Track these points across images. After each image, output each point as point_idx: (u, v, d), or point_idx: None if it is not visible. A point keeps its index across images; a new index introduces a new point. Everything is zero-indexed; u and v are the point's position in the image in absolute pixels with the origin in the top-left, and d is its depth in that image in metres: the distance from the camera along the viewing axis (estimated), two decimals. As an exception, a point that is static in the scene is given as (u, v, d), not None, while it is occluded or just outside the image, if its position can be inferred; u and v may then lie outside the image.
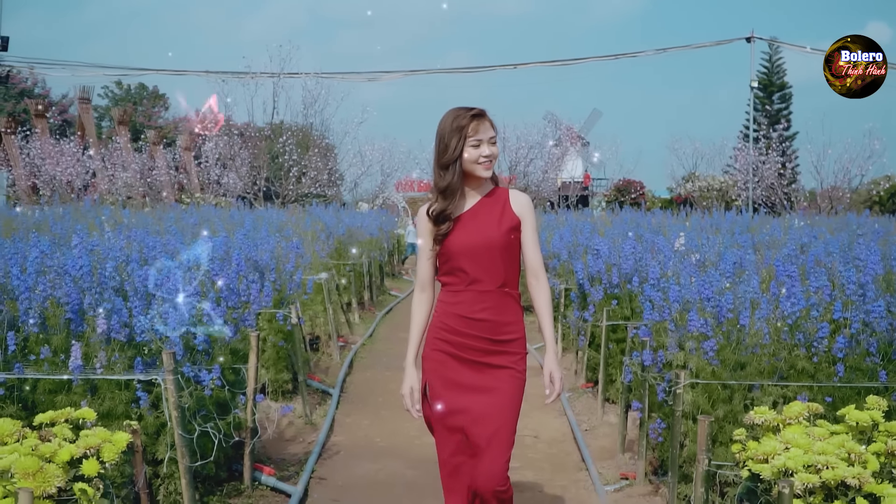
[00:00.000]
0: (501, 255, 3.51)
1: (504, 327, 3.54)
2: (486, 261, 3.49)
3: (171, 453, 4.51)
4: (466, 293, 3.52)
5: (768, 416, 3.55)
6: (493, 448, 3.46)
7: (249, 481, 5.35)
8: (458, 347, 3.54)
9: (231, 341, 5.41)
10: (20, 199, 27.84)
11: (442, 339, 3.56)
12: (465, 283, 3.52)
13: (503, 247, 3.51)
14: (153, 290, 4.84)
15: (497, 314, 3.53)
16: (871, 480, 3.02)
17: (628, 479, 5.65)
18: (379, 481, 5.78)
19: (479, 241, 3.49)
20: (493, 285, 3.51)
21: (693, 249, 8.06)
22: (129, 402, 4.53)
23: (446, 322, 3.56)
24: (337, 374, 8.89)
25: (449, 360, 3.55)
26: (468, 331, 3.52)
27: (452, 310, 3.55)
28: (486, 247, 3.49)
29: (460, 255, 3.50)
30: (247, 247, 7.26)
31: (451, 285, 3.57)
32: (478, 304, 3.51)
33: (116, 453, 3.18)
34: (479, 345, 3.53)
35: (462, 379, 3.52)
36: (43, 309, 4.84)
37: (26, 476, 2.75)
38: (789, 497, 2.87)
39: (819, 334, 4.74)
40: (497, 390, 3.51)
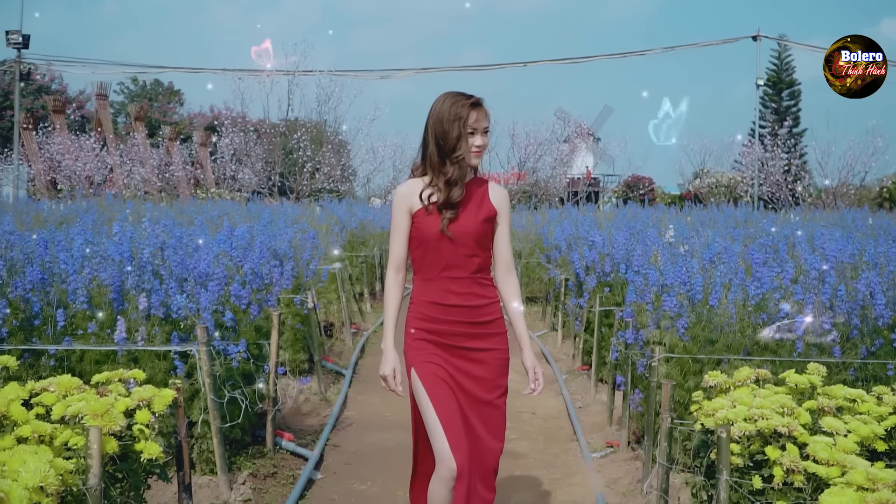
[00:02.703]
0: (476, 243, 3.53)
1: (480, 310, 3.56)
2: (460, 248, 3.51)
3: (204, 416, 5.11)
4: (439, 280, 3.54)
5: (720, 379, 4.12)
6: (487, 432, 3.52)
7: (271, 445, 5.96)
8: (438, 334, 3.53)
9: (255, 319, 6.02)
10: (41, 194, 28.52)
11: (421, 329, 3.55)
12: (437, 269, 3.54)
13: (479, 235, 3.53)
14: (198, 274, 5.43)
15: (470, 299, 3.54)
16: (799, 429, 3.58)
17: (613, 447, 6.24)
18: (388, 448, 6.37)
19: (457, 227, 3.49)
20: (466, 272, 3.53)
21: (683, 241, 8.62)
22: (167, 371, 5.14)
23: (422, 311, 3.56)
24: (350, 358, 9.53)
25: (431, 346, 3.53)
26: (444, 317, 3.53)
27: (426, 297, 3.55)
28: (462, 234, 3.50)
29: (436, 241, 3.50)
30: (267, 237, 7.87)
31: (423, 272, 3.58)
32: (451, 290, 3.52)
33: (164, 405, 3.77)
34: (458, 329, 3.53)
35: (448, 363, 3.53)
36: (89, 289, 5.46)
37: (95, 417, 3.34)
38: (726, 441, 3.44)
39: (780, 314, 5.31)
40: (483, 380, 3.55)
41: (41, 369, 5.13)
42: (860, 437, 3.57)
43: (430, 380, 3.50)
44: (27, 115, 33.53)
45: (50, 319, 5.38)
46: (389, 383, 3.51)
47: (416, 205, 3.53)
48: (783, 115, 42.81)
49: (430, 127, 3.51)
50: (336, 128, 31.91)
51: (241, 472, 5.45)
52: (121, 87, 53.35)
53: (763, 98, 46.67)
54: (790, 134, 32.69)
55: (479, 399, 3.54)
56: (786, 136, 31.89)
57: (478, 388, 3.54)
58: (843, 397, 3.92)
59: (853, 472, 3.04)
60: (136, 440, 3.48)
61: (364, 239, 15.94)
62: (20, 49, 33.72)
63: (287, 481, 5.57)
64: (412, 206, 3.54)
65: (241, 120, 29.97)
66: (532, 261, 14.55)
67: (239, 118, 30.11)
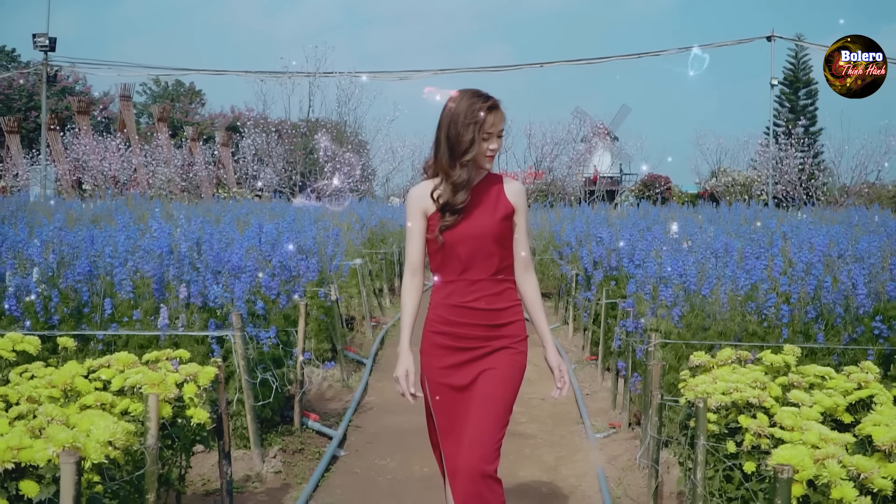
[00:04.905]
0: (495, 243, 3.44)
1: (500, 313, 3.46)
2: (479, 249, 3.42)
3: (239, 395, 5.62)
4: (459, 282, 3.44)
5: (704, 359, 4.58)
6: (484, 423, 3.38)
7: (299, 425, 6.47)
8: (455, 339, 3.44)
9: (284, 308, 6.53)
10: (67, 194, 29.18)
11: (439, 333, 3.47)
12: (457, 271, 3.45)
13: (497, 235, 3.44)
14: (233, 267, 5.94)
15: (491, 303, 3.44)
16: (770, 401, 4.04)
17: (615, 427, 6.72)
18: (406, 430, 6.86)
19: (474, 228, 3.41)
20: (486, 274, 3.44)
21: (687, 237, 9.07)
22: (205, 355, 5.64)
23: (441, 314, 3.47)
24: (370, 349, 10.05)
25: (448, 354, 3.46)
26: (464, 320, 3.43)
27: (446, 300, 3.46)
28: (479, 235, 3.41)
29: (454, 243, 3.42)
30: (293, 233, 8.40)
31: (442, 274, 3.48)
32: (471, 293, 3.43)
33: (208, 380, 4.27)
34: (477, 332, 3.44)
35: (461, 374, 3.45)
36: (134, 280, 5.98)
37: (152, 386, 3.85)
38: (704, 410, 3.90)
39: (767, 304, 5.76)
40: (495, 369, 3.45)
41: (89, 353, 5.65)
42: (824, 408, 4.01)
43: (438, 405, 3.49)
44: (52, 116, 34.22)
45: (97, 308, 5.91)
46: (402, 385, 3.41)
47: (431, 207, 3.44)
48: (800, 114, 43.03)
49: (444, 126, 3.41)
50: (356, 128, 32.51)
51: (271, 448, 5.96)
52: (143, 88, 54.19)
53: (780, 97, 46.83)
54: (806, 133, 32.99)
55: (487, 395, 3.42)
56: (802, 134, 32.17)
57: (488, 385, 3.42)
58: (813, 374, 4.38)
59: (808, 433, 3.49)
60: (186, 407, 3.99)
61: (383, 237, 16.46)
62: (47, 52, 34.43)
63: (314, 456, 6.08)
64: (427, 208, 3.45)
65: (263, 121, 30.57)
66: (546, 257, 15.02)
67: (260, 119, 30.72)
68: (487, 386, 3.43)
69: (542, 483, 5.73)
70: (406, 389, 3.41)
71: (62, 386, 3.89)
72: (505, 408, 3.46)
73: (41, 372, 4.14)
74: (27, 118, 41.63)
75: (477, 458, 3.34)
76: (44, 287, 5.95)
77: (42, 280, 6.04)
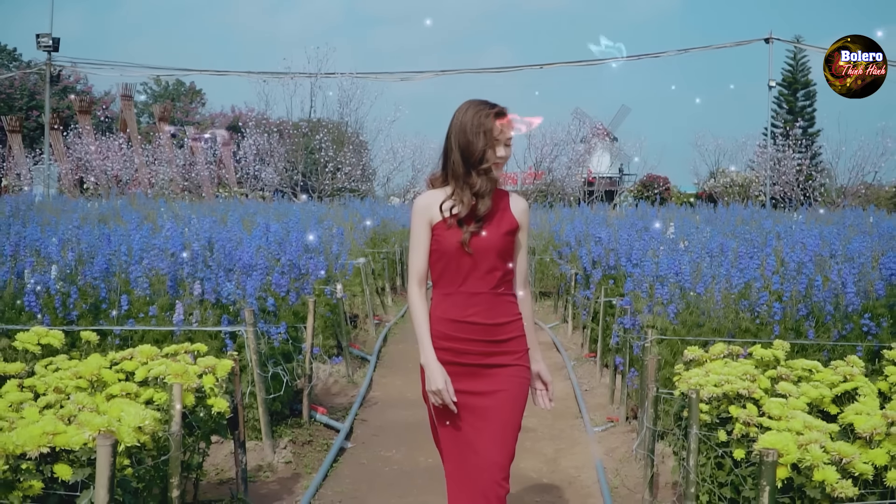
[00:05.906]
0: (498, 257, 3.39)
1: (500, 328, 3.39)
2: (482, 261, 3.36)
3: (251, 388, 5.84)
4: (457, 295, 3.38)
5: (698, 353, 4.81)
6: (496, 443, 3.32)
7: (307, 418, 6.69)
8: (456, 354, 3.35)
9: (293, 305, 6.76)
10: (69, 193, 29.38)
11: (439, 348, 3.35)
12: (456, 284, 3.38)
13: (501, 249, 3.39)
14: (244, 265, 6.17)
15: (490, 317, 3.37)
16: (759, 392, 4.26)
17: (613, 421, 6.94)
18: (410, 423, 7.08)
19: (478, 241, 3.35)
20: (486, 287, 3.37)
21: (683, 237, 9.30)
22: (219, 349, 5.86)
23: (440, 329, 3.38)
24: (373, 346, 10.27)
25: (449, 369, 3.33)
26: (463, 335, 3.35)
27: (444, 314, 3.39)
28: (484, 248, 3.36)
29: (456, 255, 3.36)
30: (299, 233, 8.62)
31: (441, 286, 3.43)
32: (469, 306, 3.36)
33: (226, 372, 4.50)
34: (477, 348, 3.35)
35: (463, 389, 3.32)
36: (149, 277, 6.20)
37: (176, 376, 4.07)
38: (696, 401, 4.13)
39: (759, 301, 5.99)
40: (501, 392, 3.34)
41: (107, 347, 5.87)
42: (810, 399, 4.23)
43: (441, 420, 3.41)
44: (53, 116, 34.39)
45: (115, 304, 6.13)
46: (445, 397, 3.28)
47: (437, 217, 3.38)
48: (798, 116, 43.21)
49: (453, 137, 3.37)
50: (357, 129, 32.72)
51: (281, 439, 6.19)
52: (143, 87, 54.35)
53: (778, 98, 46.99)
54: (804, 134, 33.17)
55: (490, 413, 3.34)
56: (800, 136, 32.38)
57: (491, 403, 3.33)
58: (801, 368, 4.61)
59: (793, 420, 3.72)
60: (206, 397, 4.21)
61: (385, 236, 16.70)
62: (50, 52, 34.60)
63: (322, 448, 6.30)
64: (432, 218, 3.39)
65: (265, 121, 30.78)
66: (546, 257, 15.25)
67: (262, 119, 30.92)
68: (500, 410, 3.34)
69: (542, 474, 5.96)
70: (449, 400, 3.28)
71: (89, 377, 4.12)
72: (516, 430, 3.42)
73: (66, 364, 4.36)
74: (28, 117, 41.81)
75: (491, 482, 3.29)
76: (62, 284, 6.17)
77: (60, 277, 6.27)
